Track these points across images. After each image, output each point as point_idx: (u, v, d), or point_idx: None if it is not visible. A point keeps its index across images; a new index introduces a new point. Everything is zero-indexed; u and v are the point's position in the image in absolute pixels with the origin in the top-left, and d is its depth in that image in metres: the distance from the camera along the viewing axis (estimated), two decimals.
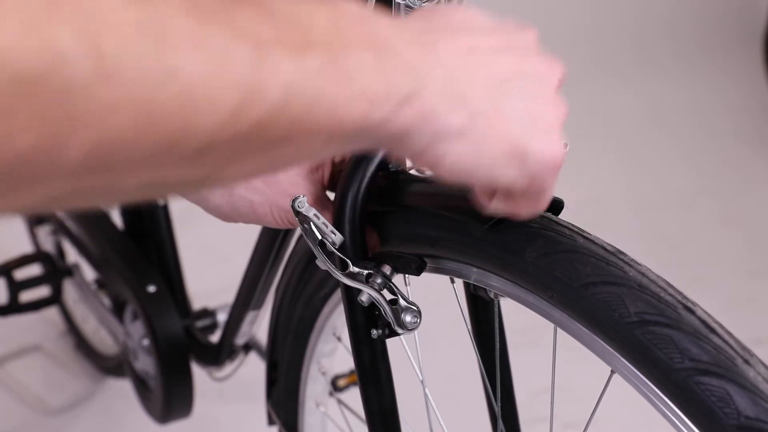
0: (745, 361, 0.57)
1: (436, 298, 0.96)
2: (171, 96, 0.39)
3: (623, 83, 2.91)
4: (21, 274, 1.61)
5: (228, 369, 1.38)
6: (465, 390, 1.28)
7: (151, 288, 1.37)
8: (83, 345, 1.90)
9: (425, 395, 0.88)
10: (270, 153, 0.45)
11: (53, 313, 1.93)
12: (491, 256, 0.69)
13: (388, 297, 0.76)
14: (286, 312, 1.06)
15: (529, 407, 1.03)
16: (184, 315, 1.41)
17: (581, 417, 0.79)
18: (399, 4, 0.69)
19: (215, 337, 1.40)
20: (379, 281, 0.76)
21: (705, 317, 0.60)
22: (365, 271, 0.76)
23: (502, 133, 0.55)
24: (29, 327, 1.96)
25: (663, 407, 0.60)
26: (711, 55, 3.06)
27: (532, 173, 0.57)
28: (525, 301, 0.69)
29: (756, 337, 1.91)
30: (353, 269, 0.76)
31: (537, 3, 2.93)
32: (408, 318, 0.76)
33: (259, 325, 1.27)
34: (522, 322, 0.99)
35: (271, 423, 1.18)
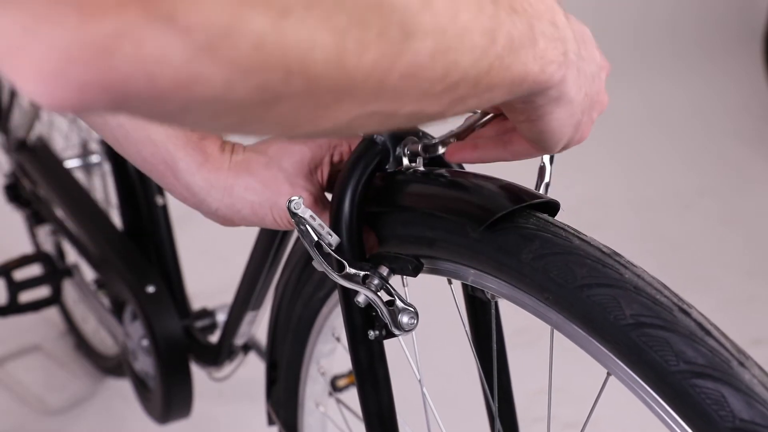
0: (741, 364, 0.57)
1: (434, 298, 0.96)
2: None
3: (623, 83, 2.90)
4: (21, 274, 1.62)
5: (227, 369, 1.38)
6: (463, 390, 1.28)
7: (151, 288, 1.37)
8: (83, 345, 1.90)
9: (423, 396, 0.88)
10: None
11: (53, 313, 1.93)
12: (487, 257, 0.69)
13: (385, 298, 0.76)
14: (285, 312, 1.06)
15: (527, 407, 1.03)
16: (183, 315, 1.40)
17: (579, 417, 0.79)
18: None
19: (214, 338, 1.40)
20: (376, 282, 0.76)
21: (700, 319, 0.60)
22: (362, 273, 0.76)
23: (578, 111, 0.66)
24: (29, 327, 1.97)
25: (658, 409, 0.60)
26: (711, 55, 3.06)
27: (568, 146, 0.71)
28: (521, 303, 0.69)
29: (756, 337, 1.91)
30: (350, 270, 0.76)
31: None
32: (405, 319, 0.76)
33: (259, 326, 1.27)
34: (520, 322, 0.99)
35: (271, 423, 1.18)
